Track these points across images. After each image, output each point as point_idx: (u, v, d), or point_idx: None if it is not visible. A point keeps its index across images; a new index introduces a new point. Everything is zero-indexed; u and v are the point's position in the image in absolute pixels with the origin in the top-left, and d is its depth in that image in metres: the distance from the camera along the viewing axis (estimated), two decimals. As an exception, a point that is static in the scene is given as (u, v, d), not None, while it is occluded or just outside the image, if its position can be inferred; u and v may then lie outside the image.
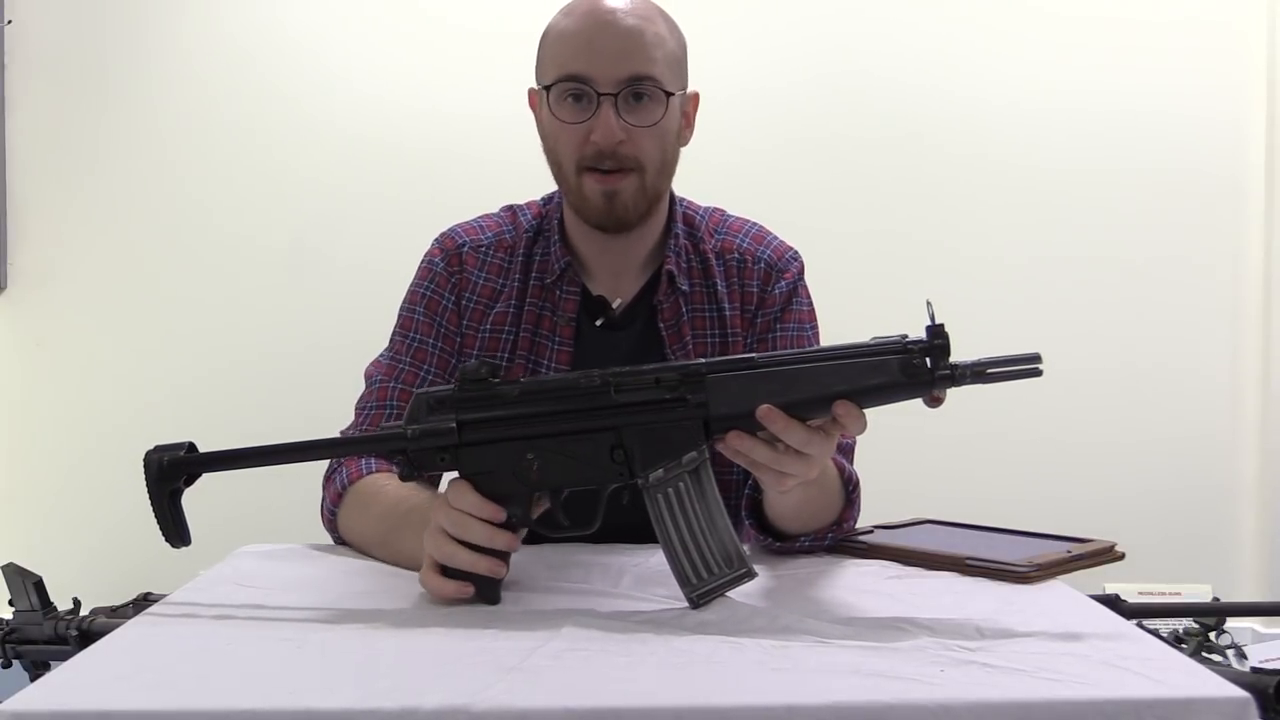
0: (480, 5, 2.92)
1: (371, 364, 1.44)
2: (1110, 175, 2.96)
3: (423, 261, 1.45)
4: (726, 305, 1.41)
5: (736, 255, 1.43)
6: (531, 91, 1.39)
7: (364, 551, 1.28)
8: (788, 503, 1.19)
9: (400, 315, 1.44)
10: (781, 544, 1.26)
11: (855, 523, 1.29)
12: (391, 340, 1.44)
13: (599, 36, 1.29)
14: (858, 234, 2.91)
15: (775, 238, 1.47)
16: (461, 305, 1.41)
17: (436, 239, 1.46)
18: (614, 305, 1.40)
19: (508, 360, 1.39)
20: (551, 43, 1.34)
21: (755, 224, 1.48)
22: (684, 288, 1.40)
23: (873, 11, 2.97)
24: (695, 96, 1.40)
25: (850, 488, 1.26)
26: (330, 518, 1.33)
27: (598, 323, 1.39)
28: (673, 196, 1.44)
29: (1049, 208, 2.96)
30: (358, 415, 1.41)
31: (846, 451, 1.32)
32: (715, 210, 1.48)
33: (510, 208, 1.47)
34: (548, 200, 1.45)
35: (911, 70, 2.95)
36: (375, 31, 2.94)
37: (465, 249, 1.43)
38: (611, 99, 1.28)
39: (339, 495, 1.32)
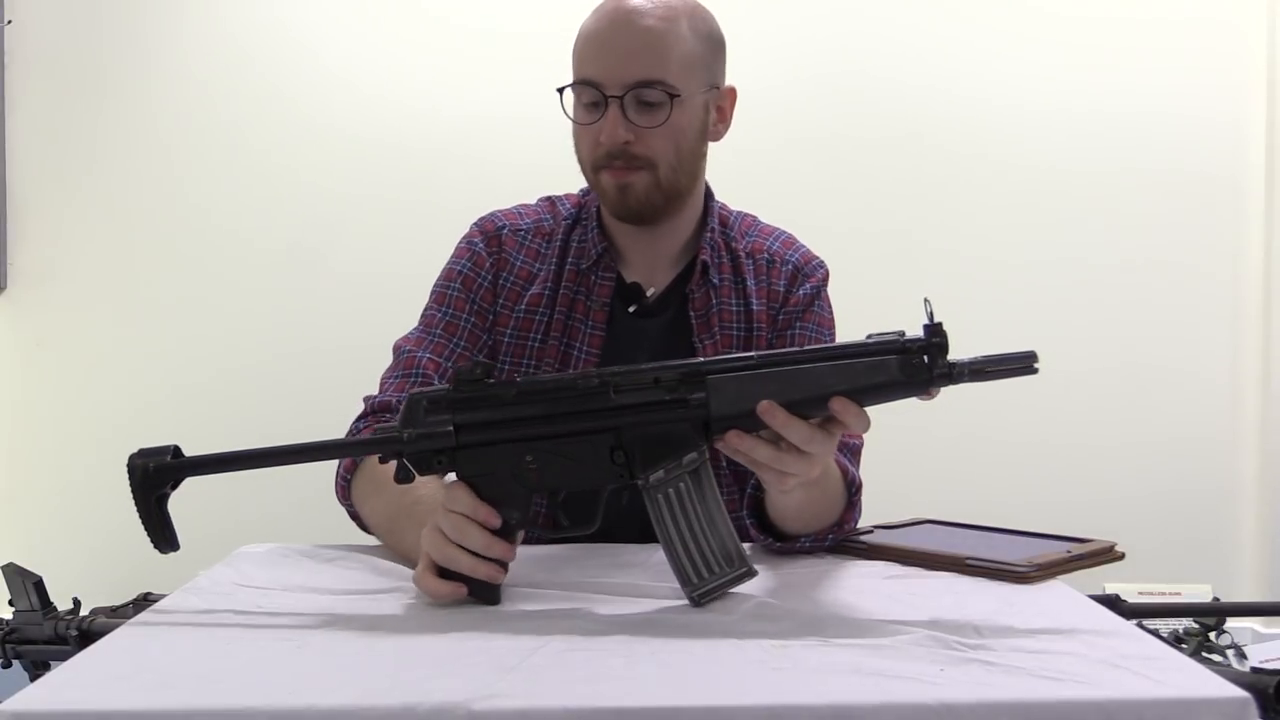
0: (481, 6, 2.92)
1: (400, 338, 1.45)
2: (1110, 175, 2.95)
3: (461, 242, 1.47)
4: (754, 301, 1.43)
5: (766, 255, 1.46)
6: None
7: (374, 531, 1.30)
8: (789, 503, 1.19)
9: (434, 291, 1.45)
10: (782, 544, 1.26)
11: (856, 524, 1.30)
12: (424, 314, 1.45)
13: (611, 38, 1.31)
14: (857, 234, 2.90)
15: (804, 245, 1.50)
16: (498, 285, 1.43)
17: (476, 222, 1.48)
18: (648, 292, 1.42)
19: (540, 342, 1.41)
20: (577, 40, 1.36)
21: (786, 231, 1.51)
22: (715, 280, 1.42)
23: (872, 11, 2.96)
24: (731, 92, 1.41)
25: (853, 490, 1.26)
26: (344, 484, 1.33)
27: (631, 309, 1.41)
28: (712, 193, 1.47)
29: (1049, 208, 2.96)
30: (382, 385, 1.40)
31: (854, 453, 1.33)
32: (747, 215, 1.52)
33: (549, 198, 1.50)
34: (586, 191, 1.47)
35: (911, 70, 2.95)
36: (376, 32, 2.94)
37: (505, 231, 1.45)
38: (618, 101, 1.30)
39: (354, 462, 1.32)
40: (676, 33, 1.32)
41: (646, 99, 1.31)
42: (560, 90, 1.35)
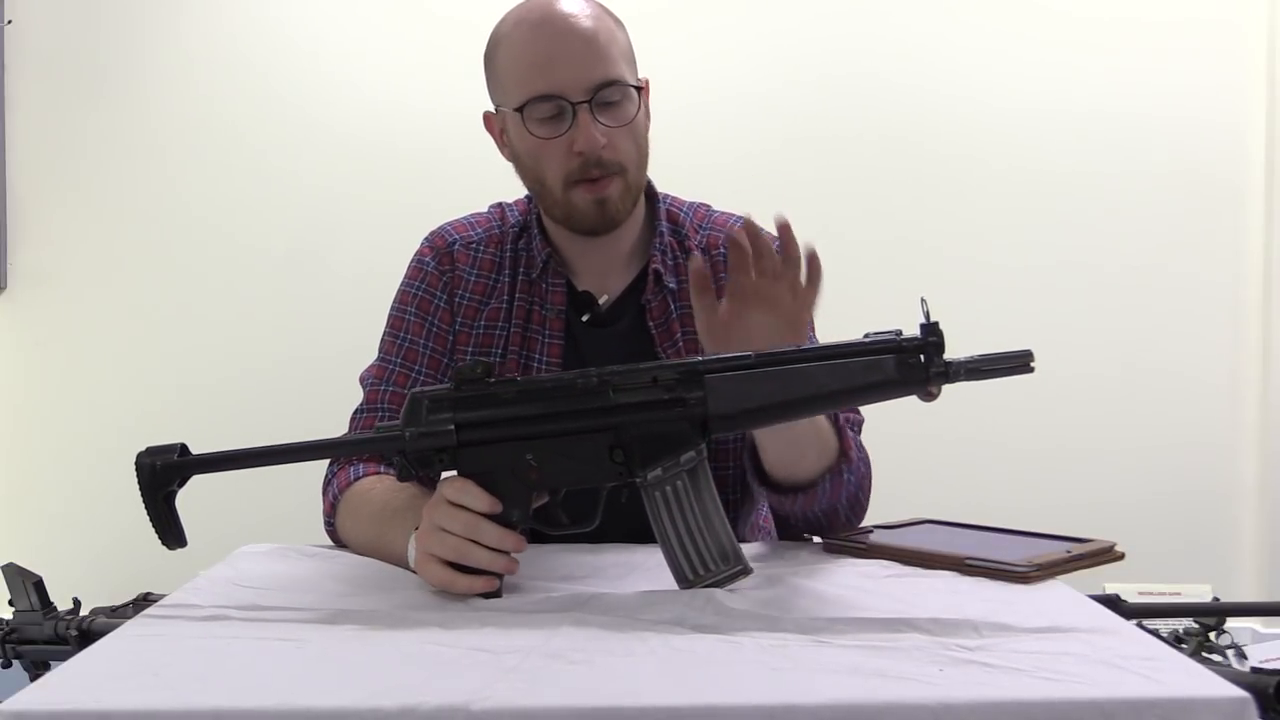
0: (480, 6, 2.92)
1: (364, 370, 1.44)
2: (1110, 176, 2.96)
3: (413, 261, 1.44)
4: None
5: (722, 251, 1.41)
6: (489, 115, 1.38)
7: (363, 552, 1.28)
8: (778, 442, 1.19)
9: (390, 316, 1.43)
10: (794, 500, 1.24)
11: (860, 462, 1.27)
12: (381, 342, 1.43)
13: (558, 48, 1.28)
14: (857, 236, 2.90)
15: (762, 232, 1.46)
16: (455, 304, 1.40)
17: (426, 237, 1.45)
18: (600, 301, 1.39)
19: (501, 356, 1.38)
20: (508, 61, 1.32)
21: (741, 218, 1.46)
22: (671, 285, 1.39)
23: (872, 13, 2.97)
24: (646, 82, 1.38)
25: (838, 424, 1.24)
26: (329, 529, 1.35)
27: (584, 318, 1.39)
28: (656, 194, 1.44)
29: (1048, 209, 2.96)
30: (351, 423, 1.40)
31: (855, 427, 1.32)
32: (700, 205, 1.47)
33: (499, 205, 1.47)
34: (530, 198, 1.44)
35: (911, 71, 2.95)
36: (375, 33, 2.94)
37: (456, 246, 1.42)
38: (586, 106, 1.27)
39: (332, 506, 1.33)
40: (609, 29, 1.30)
41: (610, 99, 1.28)
42: (520, 110, 1.29)
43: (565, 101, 1.27)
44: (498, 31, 1.34)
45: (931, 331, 1.01)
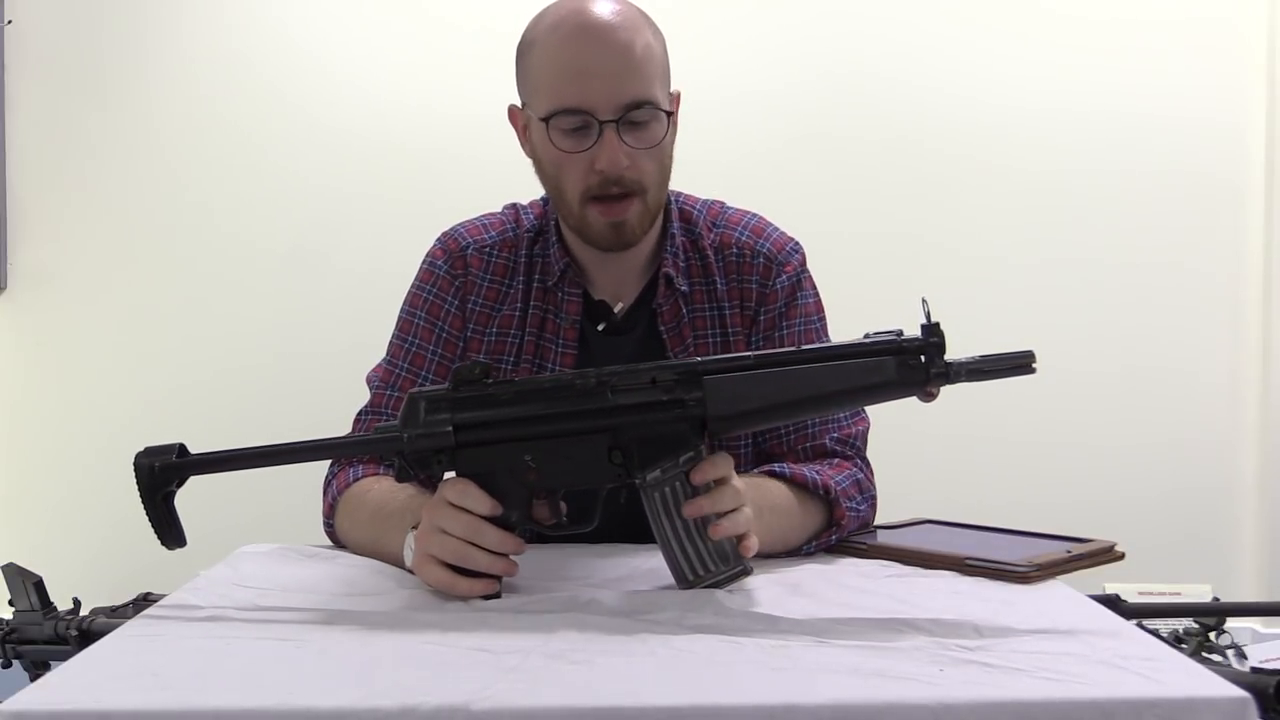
0: (479, 6, 2.92)
1: (373, 369, 1.43)
2: (1110, 175, 2.96)
3: (424, 263, 1.41)
4: (725, 304, 1.38)
5: (735, 250, 1.38)
6: (513, 109, 1.34)
7: (361, 552, 1.29)
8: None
9: (399, 319, 1.41)
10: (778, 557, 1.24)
11: (857, 518, 1.28)
12: (390, 344, 1.41)
13: (592, 61, 1.22)
14: (859, 235, 2.91)
15: (775, 230, 1.42)
16: (466, 310, 1.38)
17: (439, 239, 1.42)
18: (615, 309, 1.37)
19: (513, 364, 1.36)
20: (540, 65, 1.27)
21: (755, 216, 1.43)
22: (683, 289, 1.37)
23: (874, 12, 2.97)
24: (678, 94, 1.34)
25: (821, 491, 1.24)
26: (329, 529, 1.35)
27: (599, 327, 1.37)
28: (669, 194, 1.40)
29: (1049, 208, 2.96)
30: (355, 424, 1.39)
31: (858, 438, 1.32)
32: (714, 203, 1.44)
33: (514, 206, 1.44)
34: (548, 200, 1.40)
35: (912, 71, 2.95)
36: (376, 32, 2.94)
37: (470, 250, 1.39)
38: (614, 125, 1.23)
39: (331, 507, 1.33)
40: (646, 43, 1.25)
41: (638, 119, 1.24)
42: (546, 120, 1.24)
43: (592, 118, 1.22)
44: (533, 30, 1.29)
45: (933, 332, 1.01)
